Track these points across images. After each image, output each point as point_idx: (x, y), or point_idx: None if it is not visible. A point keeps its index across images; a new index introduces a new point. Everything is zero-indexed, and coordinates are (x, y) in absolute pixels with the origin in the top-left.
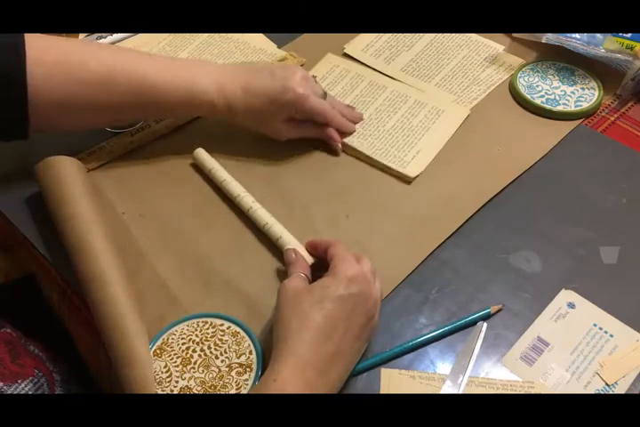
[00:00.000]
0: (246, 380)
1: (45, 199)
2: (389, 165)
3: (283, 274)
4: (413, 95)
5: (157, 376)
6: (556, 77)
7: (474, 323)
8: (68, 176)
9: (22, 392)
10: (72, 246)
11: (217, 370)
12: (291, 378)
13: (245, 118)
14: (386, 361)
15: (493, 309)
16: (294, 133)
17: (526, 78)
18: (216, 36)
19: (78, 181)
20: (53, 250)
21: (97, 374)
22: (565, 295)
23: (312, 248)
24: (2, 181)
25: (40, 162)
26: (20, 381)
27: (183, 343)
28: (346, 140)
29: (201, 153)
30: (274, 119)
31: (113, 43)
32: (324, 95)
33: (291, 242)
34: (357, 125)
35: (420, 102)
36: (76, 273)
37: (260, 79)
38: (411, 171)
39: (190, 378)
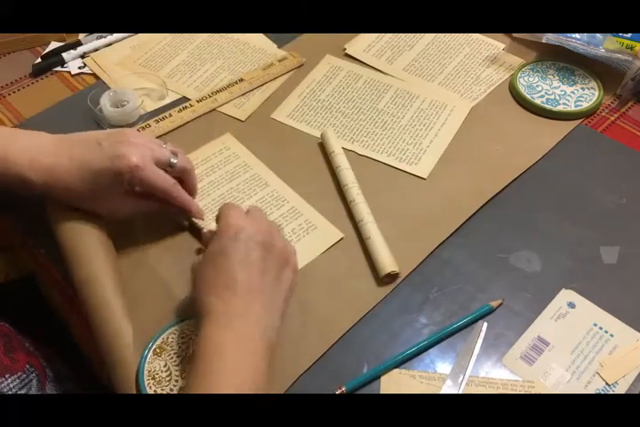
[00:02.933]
0: None
1: (45, 201)
2: (400, 166)
3: None
4: (417, 93)
5: (157, 375)
6: (556, 77)
7: (475, 321)
8: None
9: (5, 389)
10: (67, 249)
11: None
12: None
13: (70, 196)
14: (390, 369)
15: (494, 303)
16: (136, 207)
17: (526, 78)
18: (216, 35)
19: None
20: (53, 250)
21: (98, 373)
22: (565, 295)
23: None
24: None
25: None
26: (7, 376)
27: (183, 342)
28: (358, 149)
29: (328, 134)
30: (105, 196)
31: (113, 43)
32: (171, 163)
33: (379, 244)
34: (363, 129)
35: (426, 100)
36: (71, 275)
37: (86, 150)
38: (421, 171)
39: None
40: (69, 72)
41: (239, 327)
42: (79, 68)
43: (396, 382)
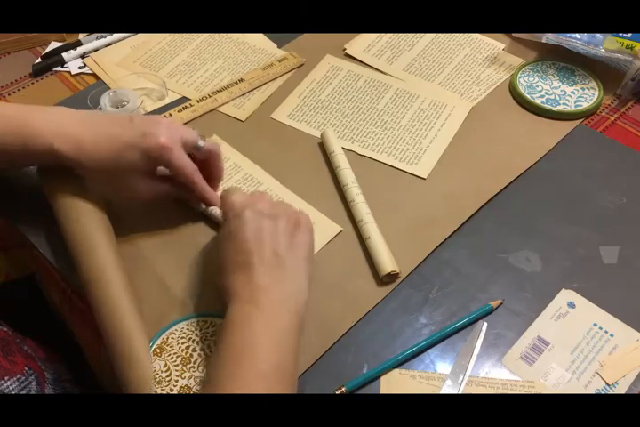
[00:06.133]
0: None
1: (49, 201)
2: (400, 166)
3: None
4: (417, 93)
5: (157, 375)
6: (556, 77)
7: (475, 321)
8: (72, 178)
9: (5, 391)
10: (75, 248)
11: None
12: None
13: (94, 169)
14: (390, 369)
15: (494, 303)
16: (154, 192)
17: (526, 78)
18: (216, 35)
19: (82, 184)
20: (54, 250)
21: (99, 374)
22: (565, 295)
23: None
24: (2, 182)
25: None
26: (6, 378)
27: (183, 342)
28: (358, 149)
29: (328, 134)
30: (127, 172)
31: (113, 43)
32: (197, 145)
33: (379, 244)
34: (363, 129)
35: (426, 100)
36: (78, 274)
37: (116, 124)
38: (421, 171)
39: (190, 377)
40: (69, 72)
41: (264, 302)
42: (79, 68)
43: (396, 382)
